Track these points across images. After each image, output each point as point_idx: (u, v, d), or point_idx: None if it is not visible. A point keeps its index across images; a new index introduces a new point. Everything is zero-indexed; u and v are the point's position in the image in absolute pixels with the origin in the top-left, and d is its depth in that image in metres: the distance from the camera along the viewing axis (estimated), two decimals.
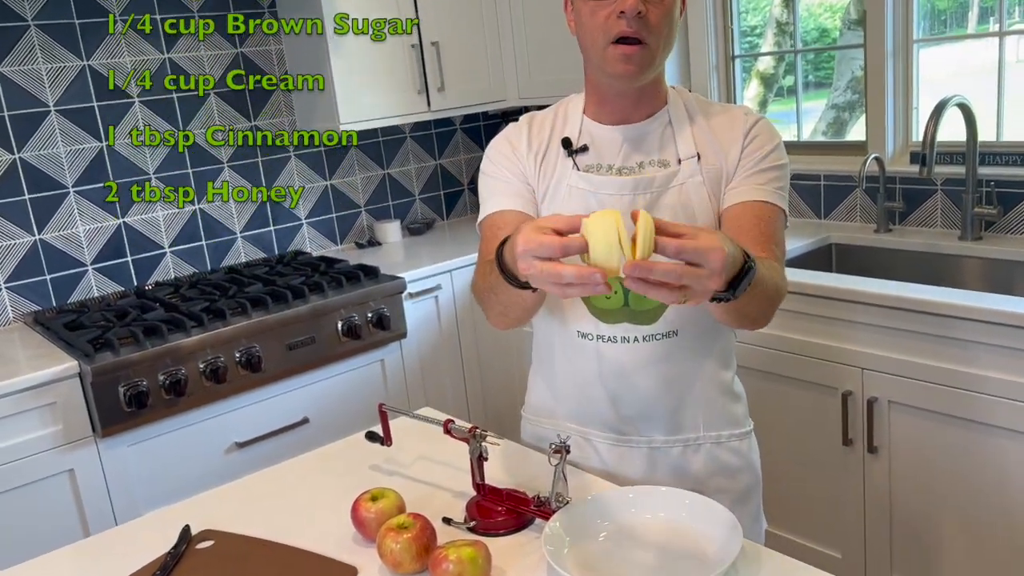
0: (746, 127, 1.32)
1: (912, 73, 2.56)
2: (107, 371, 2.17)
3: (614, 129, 1.34)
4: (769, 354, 2.30)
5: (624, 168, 1.33)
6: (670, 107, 1.35)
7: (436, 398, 2.86)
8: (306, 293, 2.54)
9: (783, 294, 1.24)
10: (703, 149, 1.32)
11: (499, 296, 1.20)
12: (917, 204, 2.56)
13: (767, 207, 1.28)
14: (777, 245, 1.27)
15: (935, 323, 1.98)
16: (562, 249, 0.95)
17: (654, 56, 1.25)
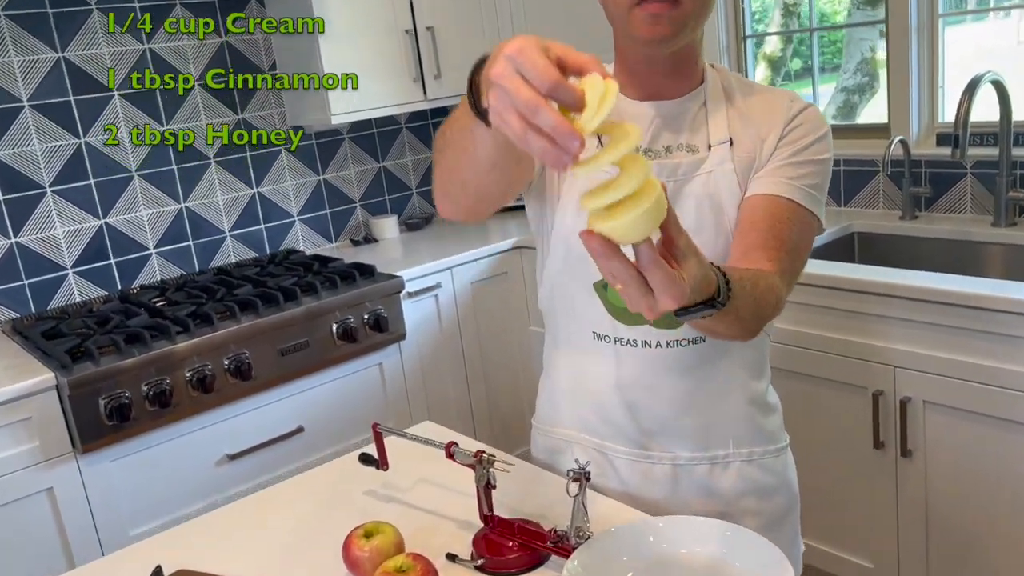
0: (789, 113, 1.16)
1: (937, 50, 2.41)
2: (85, 383, 2.03)
3: (645, 104, 1.19)
4: (792, 351, 2.16)
5: (650, 151, 1.19)
6: (707, 85, 1.20)
7: (438, 402, 2.72)
8: (298, 295, 2.40)
9: (770, 313, 1.05)
10: (737, 134, 1.17)
11: (452, 136, 0.94)
12: (945, 189, 2.41)
13: (790, 206, 1.12)
14: (789, 253, 1.10)
15: (972, 316, 1.83)
16: (554, 85, 0.70)
17: (688, 15, 1.09)
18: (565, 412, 1.32)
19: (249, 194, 2.89)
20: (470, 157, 0.91)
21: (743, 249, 1.11)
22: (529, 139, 0.70)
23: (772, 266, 1.08)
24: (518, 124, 0.70)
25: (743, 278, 0.97)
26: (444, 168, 0.99)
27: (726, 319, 0.95)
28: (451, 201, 1.05)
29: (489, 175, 0.95)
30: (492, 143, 0.87)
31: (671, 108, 1.19)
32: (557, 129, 0.68)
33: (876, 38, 3.01)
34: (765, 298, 1.02)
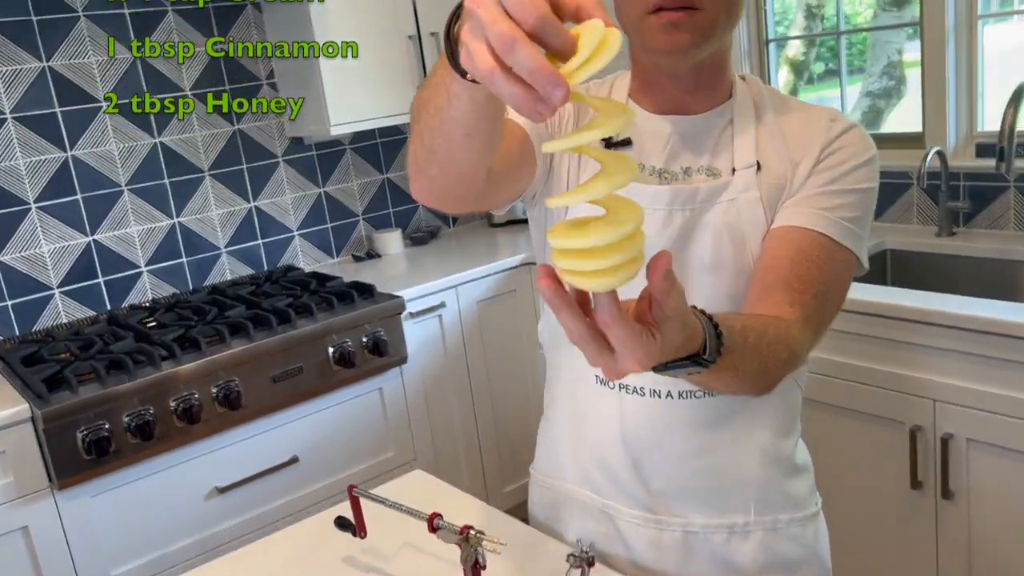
0: (829, 135, 1.00)
1: (976, 54, 2.24)
2: (62, 415, 1.90)
3: (663, 119, 1.05)
4: (824, 381, 2.00)
5: (666, 172, 1.04)
6: (735, 101, 1.04)
7: (443, 429, 2.58)
8: (292, 317, 2.26)
9: (782, 369, 0.89)
10: (766, 156, 1.02)
11: (427, 95, 0.79)
12: (986, 203, 2.24)
13: (821, 241, 0.95)
14: (816, 297, 0.94)
15: (1019, 347, 1.67)
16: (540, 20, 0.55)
17: (711, 23, 0.94)
18: (566, 464, 1.17)
19: (246, 208, 2.76)
20: (443, 119, 0.76)
21: (762, 290, 0.95)
22: (497, 80, 0.55)
23: (794, 312, 0.92)
24: (487, 61, 0.56)
25: (746, 328, 0.82)
26: (416, 134, 0.84)
27: (721, 376, 0.80)
28: (423, 175, 0.88)
29: (463, 144, 0.79)
30: (467, 101, 0.71)
31: (692, 125, 1.04)
32: (535, 71, 0.54)
33: (903, 40, 2.85)
34: (774, 352, 0.86)
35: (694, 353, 0.73)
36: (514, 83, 0.55)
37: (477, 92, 0.68)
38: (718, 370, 0.76)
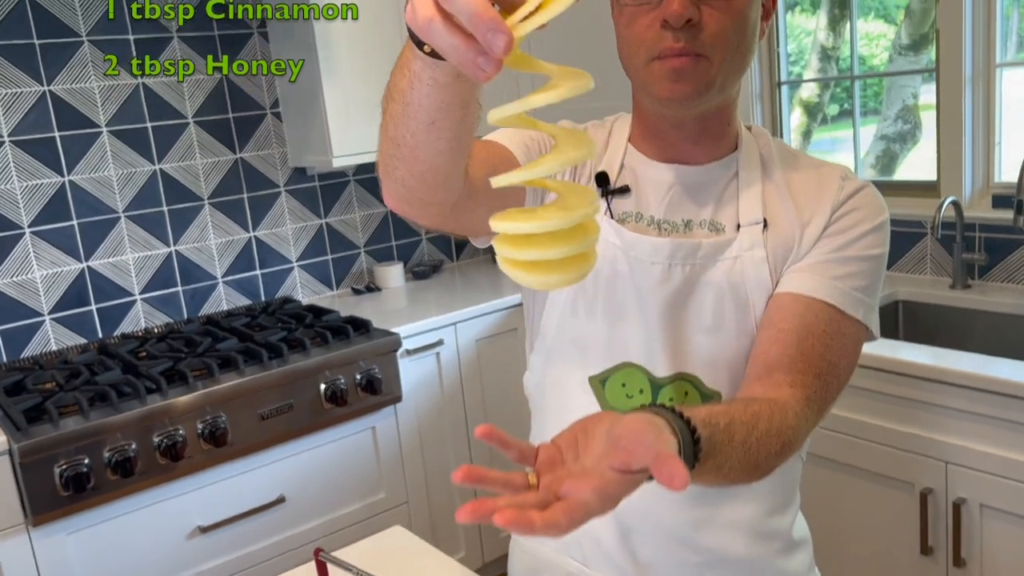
0: (841, 196, 0.95)
1: (994, 103, 2.18)
2: (40, 449, 1.84)
3: (664, 168, 1.00)
4: (832, 438, 1.92)
5: (666, 223, 0.99)
6: (741, 153, 0.99)
7: (437, 471, 2.50)
8: (284, 352, 2.20)
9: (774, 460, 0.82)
10: (773, 214, 0.96)
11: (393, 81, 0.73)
12: (1002, 256, 2.17)
13: (829, 313, 0.90)
14: (821, 377, 0.88)
15: None
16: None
17: (715, 72, 0.90)
18: (546, 547, 1.10)
19: (245, 238, 2.72)
20: (406, 104, 0.71)
21: (763, 367, 0.89)
22: (435, 29, 0.52)
23: (795, 393, 0.86)
24: (427, 10, 0.52)
25: (733, 424, 0.76)
26: (382, 128, 0.78)
27: (704, 476, 0.74)
28: (390, 176, 0.82)
29: (427, 134, 0.73)
30: (430, 83, 0.67)
31: (696, 175, 0.99)
32: (475, 16, 0.50)
33: (918, 84, 2.80)
34: (765, 445, 0.79)
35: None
36: (454, 33, 0.52)
37: (439, 71, 0.64)
38: (699, 473, 0.71)
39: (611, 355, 1.00)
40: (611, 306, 0.99)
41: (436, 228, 0.93)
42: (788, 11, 2.68)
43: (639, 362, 0.98)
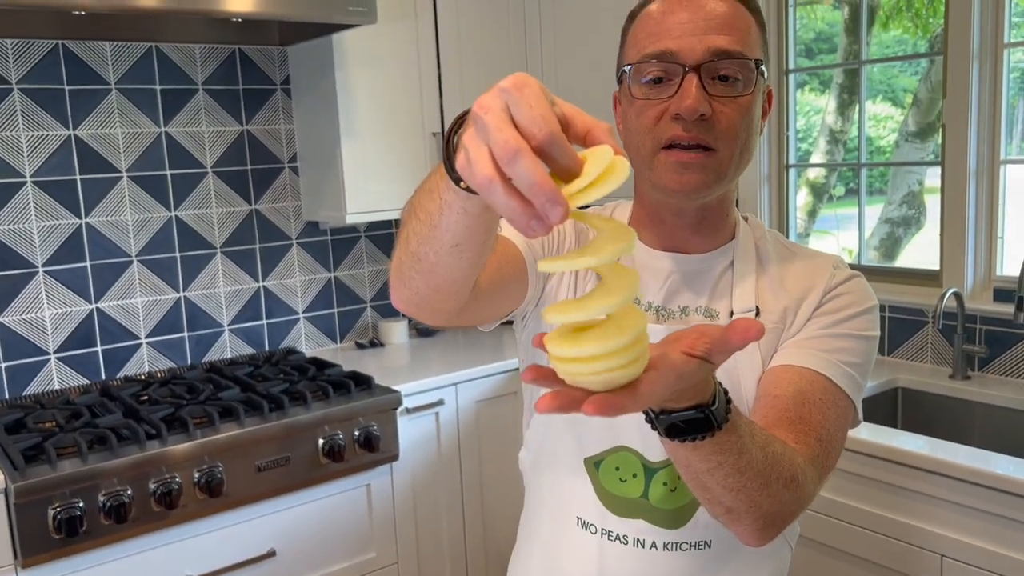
0: (832, 282, 0.99)
1: (998, 197, 2.23)
2: (36, 490, 1.84)
3: (663, 256, 1.03)
4: (825, 522, 1.91)
5: (664, 310, 1.02)
6: (737, 244, 1.03)
7: (429, 532, 2.49)
8: (285, 404, 2.21)
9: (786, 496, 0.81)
10: (766, 302, 0.99)
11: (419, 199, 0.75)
12: (1003, 350, 2.19)
13: (823, 384, 0.91)
14: (821, 441, 0.88)
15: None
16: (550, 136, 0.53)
17: (724, 167, 0.94)
18: None
19: (254, 288, 2.75)
20: (432, 226, 0.73)
21: (763, 425, 0.89)
22: (495, 190, 0.53)
23: (800, 448, 0.86)
24: (487, 168, 0.53)
25: (753, 424, 0.79)
26: (402, 240, 0.80)
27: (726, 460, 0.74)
28: (404, 284, 0.84)
29: (450, 255, 0.75)
30: (459, 211, 0.68)
31: (693, 264, 1.02)
32: (536, 186, 0.52)
33: (924, 169, 2.85)
34: (778, 465, 0.79)
35: (702, 403, 0.69)
36: (512, 196, 0.53)
37: (471, 203, 0.66)
38: (723, 445, 0.72)
39: (605, 438, 1.01)
40: None
41: (437, 325, 0.95)
42: (798, 88, 2.75)
43: (633, 446, 0.99)
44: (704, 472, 0.76)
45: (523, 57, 2.87)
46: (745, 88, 0.93)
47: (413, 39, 2.63)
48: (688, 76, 0.91)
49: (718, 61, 0.92)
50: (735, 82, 0.93)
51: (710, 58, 0.92)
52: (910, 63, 2.75)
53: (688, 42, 0.92)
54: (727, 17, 0.93)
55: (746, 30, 0.94)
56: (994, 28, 2.17)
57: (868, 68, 2.61)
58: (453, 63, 2.71)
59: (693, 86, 0.91)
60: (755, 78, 0.94)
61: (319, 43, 2.54)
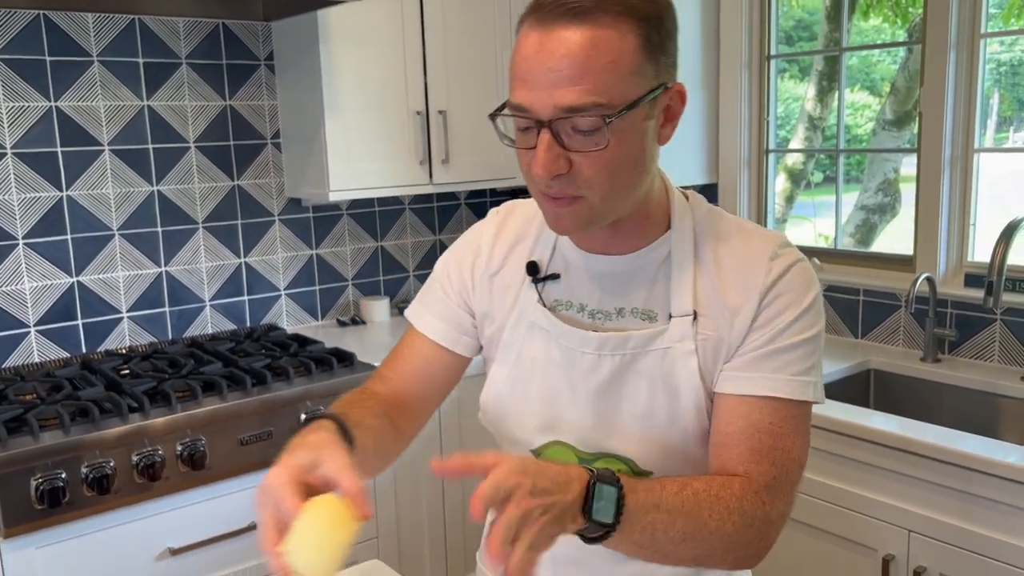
0: (767, 281, 0.95)
1: (971, 186, 2.28)
2: (19, 460, 1.84)
3: (592, 258, 1.02)
4: (799, 500, 1.95)
5: (599, 312, 1.01)
6: (673, 234, 1.00)
7: (409, 507, 2.52)
8: (268, 379, 2.22)
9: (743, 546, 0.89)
10: (704, 306, 0.97)
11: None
12: (972, 333, 2.25)
13: (772, 406, 0.93)
14: (775, 464, 0.92)
15: (997, 487, 1.65)
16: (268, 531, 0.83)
17: (595, 211, 0.91)
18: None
19: (235, 263, 2.75)
20: None
21: (718, 470, 0.94)
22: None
23: (748, 481, 0.91)
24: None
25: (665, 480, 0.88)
26: None
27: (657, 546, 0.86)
28: None
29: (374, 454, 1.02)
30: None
31: (624, 264, 1.00)
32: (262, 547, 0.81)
33: (900, 159, 2.90)
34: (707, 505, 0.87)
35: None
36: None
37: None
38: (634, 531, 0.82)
39: (544, 433, 1.04)
40: (545, 390, 1.03)
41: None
42: (779, 75, 2.78)
43: (569, 441, 1.03)
44: (646, 551, 0.85)
45: (508, 36, 2.87)
46: (610, 135, 0.86)
47: (398, 16, 2.63)
48: (542, 135, 0.86)
49: (569, 117, 0.85)
50: (595, 132, 0.85)
51: (559, 115, 0.85)
52: (889, 52, 2.79)
53: (539, 97, 0.85)
54: (581, 59, 0.83)
55: (607, 67, 0.84)
56: (971, 18, 2.21)
57: (847, 57, 2.65)
58: (438, 41, 2.71)
59: (543, 148, 0.86)
60: (618, 115, 0.85)
61: (304, 19, 2.53)
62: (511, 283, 1.07)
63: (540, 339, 1.03)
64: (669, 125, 0.94)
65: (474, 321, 1.10)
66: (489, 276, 1.08)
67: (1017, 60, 2.44)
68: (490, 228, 1.11)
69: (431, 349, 1.11)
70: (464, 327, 1.11)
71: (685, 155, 2.71)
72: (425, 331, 1.12)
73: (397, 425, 1.06)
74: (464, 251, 1.12)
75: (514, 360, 1.05)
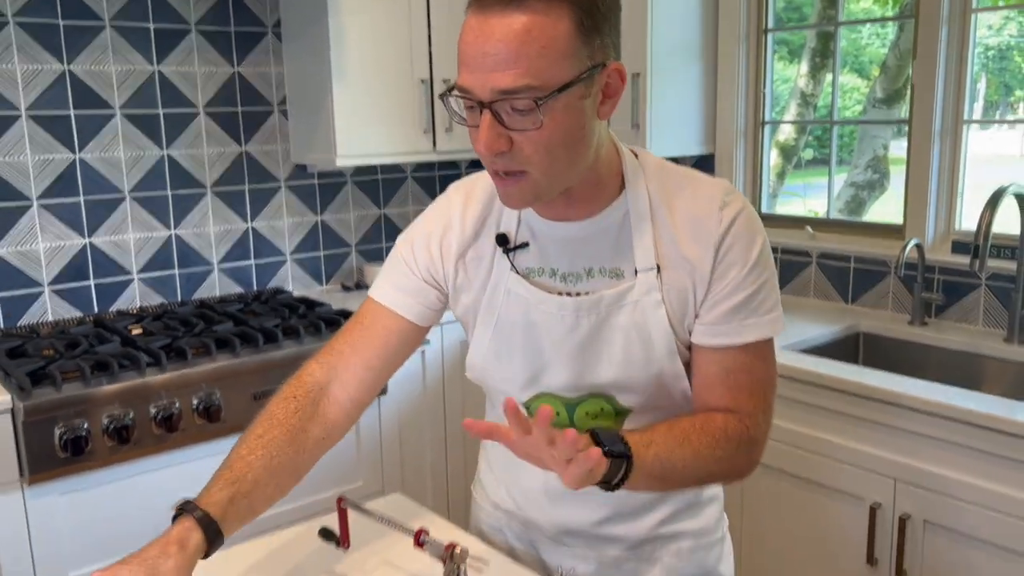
0: (719, 232, 1.04)
1: (960, 156, 2.36)
2: (43, 409, 1.91)
3: (555, 225, 1.09)
4: (788, 452, 2.06)
5: (570, 275, 1.09)
6: (628, 196, 1.07)
7: (413, 465, 2.60)
8: (279, 338, 2.29)
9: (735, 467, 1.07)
10: (665, 258, 1.06)
11: None
12: (958, 298, 2.34)
13: (744, 350, 1.05)
14: (753, 392, 1.07)
15: (980, 436, 1.74)
16: None
17: (540, 185, 0.98)
18: (499, 496, 1.27)
19: (243, 228, 2.81)
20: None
21: (703, 409, 1.09)
22: None
23: (730, 417, 1.06)
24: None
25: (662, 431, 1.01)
26: None
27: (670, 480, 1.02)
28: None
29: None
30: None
31: (587, 228, 1.08)
32: None
33: (889, 137, 2.98)
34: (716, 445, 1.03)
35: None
36: None
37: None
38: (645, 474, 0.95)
39: (529, 388, 1.13)
40: (527, 350, 1.11)
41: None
42: None
43: (551, 391, 1.12)
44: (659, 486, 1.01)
45: None
46: (544, 116, 0.91)
47: None
48: (484, 115, 0.93)
49: (506, 99, 0.91)
50: (529, 113, 0.91)
51: (496, 97, 0.91)
52: (878, 36, 2.86)
53: (478, 79, 0.91)
54: (515, 44, 0.89)
55: (540, 52, 0.90)
56: None
57: (841, 34, 2.72)
58: (443, 11, 2.76)
59: (485, 126, 0.92)
60: (558, 101, 0.92)
61: None
62: (483, 254, 1.13)
63: (517, 304, 1.10)
64: (609, 102, 0.99)
65: (439, 295, 1.16)
66: (462, 249, 1.14)
67: (1005, 45, 2.52)
68: (457, 203, 1.16)
69: (393, 321, 1.15)
70: (428, 300, 1.16)
71: (683, 126, 2.78)
72: (390, 304, 1.16)
73: (309, 433, 1.12)
74: (433, 226, 1.17)
75: (495, 325, 1.12)
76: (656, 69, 2.61)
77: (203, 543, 0.95)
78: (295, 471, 1.11)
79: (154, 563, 0.91)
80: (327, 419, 1.13)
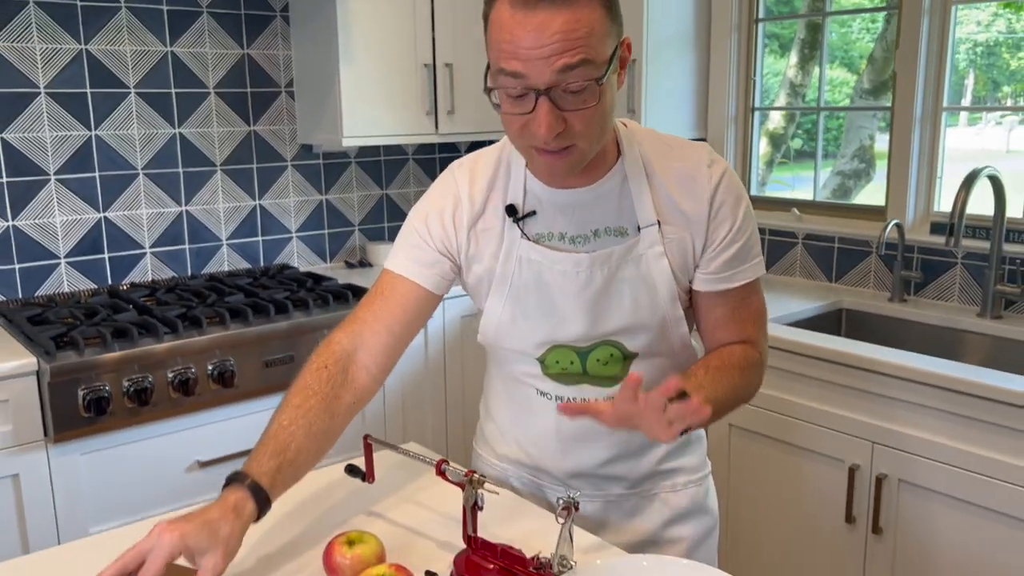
0: (710, 190, 1.17)
1: (939, 141, 2.49)
2: (67, 372, 2.01)
3: (560, 193, 1.19)
4: (773, 418, 2.18)
5: (578, 237, 1.20)
6: (625, 161, 1.19)
7: (415, 430, 2.71)
8: (289, 308, 2.40)
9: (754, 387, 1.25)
10: (665, 215, 1.19)
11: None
12: (935, 276, 2.47)
13: (742, 289, 1.22)
14: (755, 321, 1.26)
15: (953, 400, 1.87)
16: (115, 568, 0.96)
17: (586, 154, 1.10)
18: (505, 448, 1.38)
19: (251, 205, 2.90)
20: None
21: (715, 344, 1.25)
22: None
23: (746, 337, 1.24)
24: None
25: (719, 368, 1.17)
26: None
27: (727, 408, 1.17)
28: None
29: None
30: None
31: (590, 194, 1.19)
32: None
33: (875, 128, 3.10)
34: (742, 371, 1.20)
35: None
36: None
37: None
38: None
39: (543, 344, 1.24)
40: (542, 309, 1.22)
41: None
42: None
43: (565, 342, 1.23)
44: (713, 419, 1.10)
45: None
46: (596, 93, 1.02)
47: None
48: (540, 101, 1.01)
49: (566, 80, 1.00)
50: (585, 90, 1.01)
51: (557, 80, 1.00)
52: (868, 29, 2.98)
53: (536, 67, 0.99)
54: (568, 30, 0.98)
55: (589, 31, 1.00)
56: None
57: (829, 26, 2.84)
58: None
59: (544, 112, 1.01)
60: (605, 74, 1.02)
61: None
62: (492, 226, 1.21)
63: (530, 269, 1.20)
64: (623, 72, 1.10)
65: (452, 265, 1.25)
66: (472, 221, 1.23)
67: (993, 41, 2.63)
68: (463, 180, 1.24)
69: (411, 290, 1.23)
70: (443, 271, 1.25)
71: (677, 111, 2.89)
72: (407, 274, 1.23)
73: (342, 400, 1.20)
74: (443, 202, 1.24)
75: (509, 290, 1.22)
76: (652, 56, 2.72)
77: (255, 511, 1.04)
78: (331, 436, 1.18)
79: (216, 526, 0.99)
80: (357, 385, 1.22)
